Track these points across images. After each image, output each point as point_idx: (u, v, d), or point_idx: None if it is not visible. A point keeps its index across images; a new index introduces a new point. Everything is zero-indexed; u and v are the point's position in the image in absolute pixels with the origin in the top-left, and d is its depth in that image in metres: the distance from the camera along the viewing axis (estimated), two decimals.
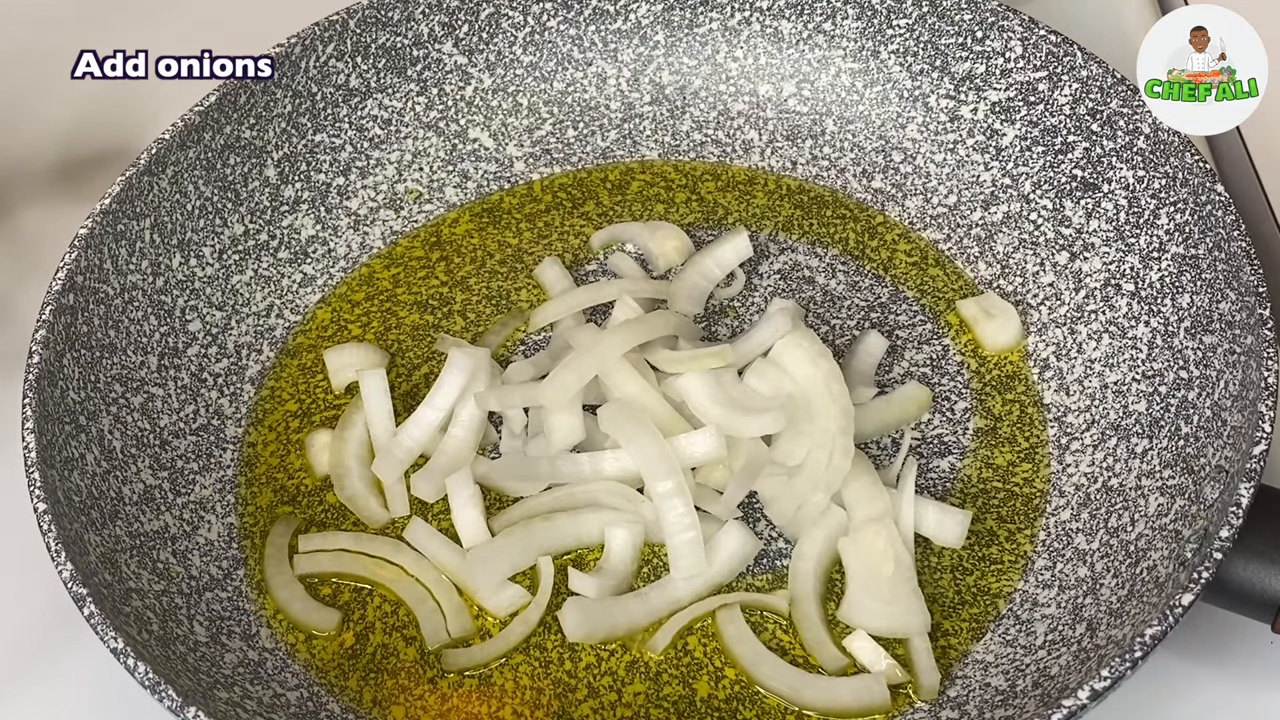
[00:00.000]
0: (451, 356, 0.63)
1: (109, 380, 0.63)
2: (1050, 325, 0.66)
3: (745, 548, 0.59)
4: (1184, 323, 0.61)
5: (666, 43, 0.77)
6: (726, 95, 0.77)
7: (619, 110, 0.77)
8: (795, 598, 0.58)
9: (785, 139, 0.75)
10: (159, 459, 0.63)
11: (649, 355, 0.63)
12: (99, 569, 0.56)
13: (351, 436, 0.65)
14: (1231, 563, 0.53)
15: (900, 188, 0.73)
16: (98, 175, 0.80)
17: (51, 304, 0.61)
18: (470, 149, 0.76)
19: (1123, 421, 0.62)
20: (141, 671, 0.51)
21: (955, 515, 0.60)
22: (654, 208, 0.74)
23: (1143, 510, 0.58)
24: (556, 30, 0.76)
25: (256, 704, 0.55)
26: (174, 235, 0.68)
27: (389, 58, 0.74)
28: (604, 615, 0.58)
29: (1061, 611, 0.57)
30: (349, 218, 0.73)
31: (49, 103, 0.85)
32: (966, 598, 0.59)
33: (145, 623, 0.55)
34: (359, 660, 0.59)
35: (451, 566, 0.60)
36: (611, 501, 0.60)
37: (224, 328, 0.68)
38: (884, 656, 0.56)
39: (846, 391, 0.61)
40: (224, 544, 0.62)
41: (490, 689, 0.57)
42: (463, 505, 0.61)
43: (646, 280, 0.70)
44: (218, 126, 0.69)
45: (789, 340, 0.62)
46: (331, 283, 0.72)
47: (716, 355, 0.61)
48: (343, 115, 0.73)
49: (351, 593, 0.61)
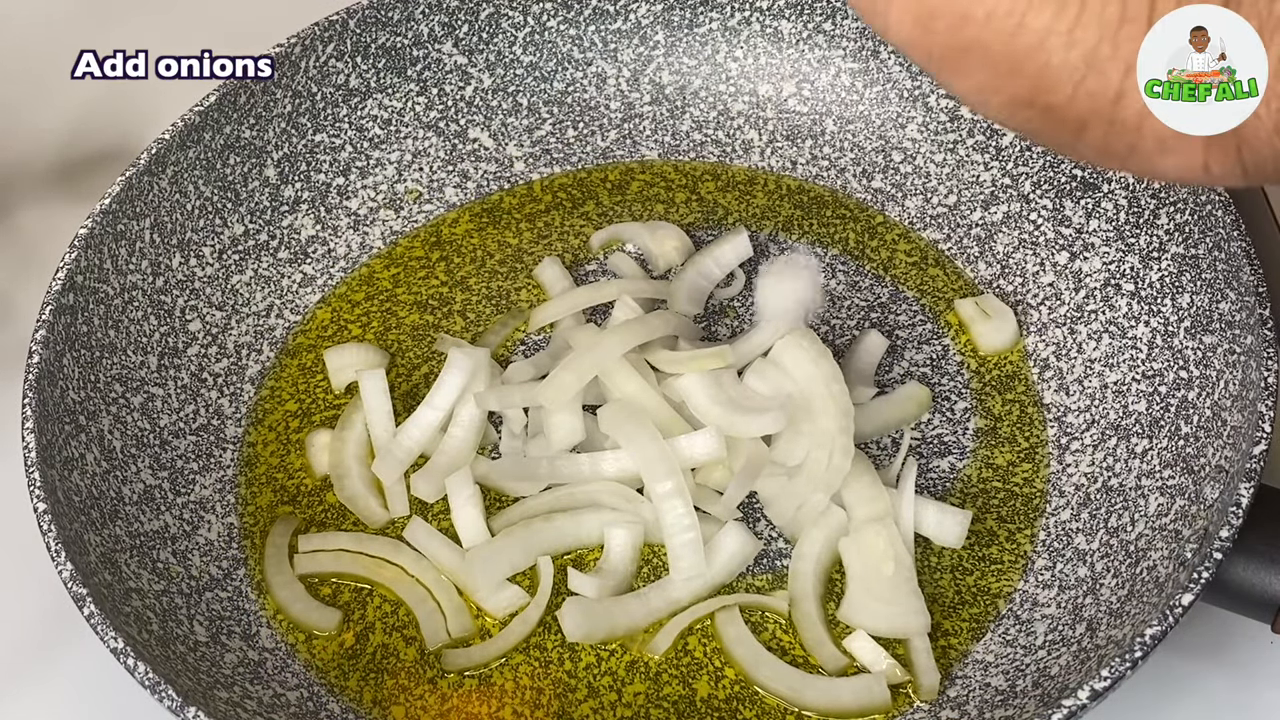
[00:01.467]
0: (451, 356, 0.63)
1: (109, 380, 0.63)
2: (1050, 325, 0.66)
3: (745, 549, 0.59)
4: (1184, 323, 0.61)
5: (666, 43, 0.77)
6: (726, 95, 0.77)
7: (619, 110, 0.77)
8: (795, 598, 0.58)
9: (785, 139, 0.75)
10: (159, 459, 0.63)
11: (649, 355, 0.63)
12: (99, 569, 0.56)
13: (351, 437, 0.65)
14: (1231, 563, 0.53)
15: (900, 188, 0.73)
16: (98, 175, 0.81)
17: (51, 304, 0.61)
18: (470, 149, 0.76)
19: (1123, 421, 0.62)
20: (141, 671, 0.51)
21: (955, 515, 0.60)
22: (654, 208, 0.74)
23: (1143, 510, 0.58)
24: (556, 30, 0.76)
25: (256, 704, 0.55)
26: (174, 235, 0.68)
27: (389, 58, 0.74)
28: (603, 615, 0.58)
29: (1061, 611, 0.57)
30: (349, 218, 0.73)
31: (49, 103, 0.85)
32: (966, 598, 0.59)
33: (145, 623, 0.55)
34: (359, 660, 0.59)
35: (451, 566, 0.60)
36: (611, 502, 0.60)
37: (224, 328, 0.69)
38: (884, 656, 0.56)
39: (846, 391, 0.61)
40: (224, 544, 0.62)
41: (490, 689, 0.57)
42: (463, 505, 0.61)
43: (646, 280, 0.70)
44: (218, 126, 0.69)
45: (789, 340, 0.62)
46: (331, 283, 0.72)
47: (716, 355, 0.61)
48: (343, 115, 0.73)
49: (351, 593, 0.61)
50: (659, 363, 0.62)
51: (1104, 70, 0.38)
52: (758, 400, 0.61)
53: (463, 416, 0.63)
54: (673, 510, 0.58)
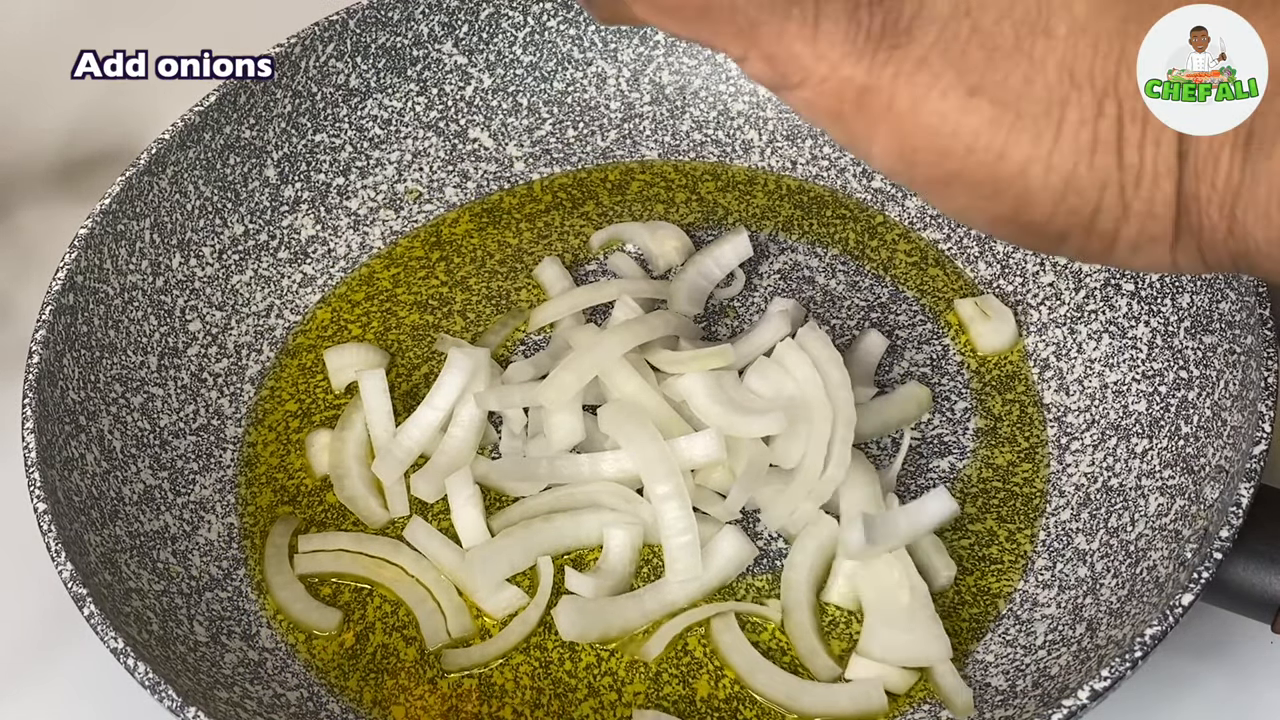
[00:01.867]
0: (451, 356, 0.63)
1: (109, 380, 0.63)
2: (1050, 325, 0.66)
3: (741, 553, 0.59)
4: (1184, 322, 0.61)
5: (666, 43, 0.77)
6: (726, 95, 0.77)
7: (619, 110, 0.77)
8: (787, 608, 0.58)
9: (785, 139, 0.75)
10: (159, 459, 0.63)
11: (649, 355, 0.63)
12: (99, 569, 0.56)
13: (351, 436, 0.65)
14: (1231, 563, 0.53)
15: (900, 188, 0.73)
16: (98, 175, 0.81)
17: (51, 304, 0.61)
18: (470, 149, 0.76)
19: (1123, 421, 0.62)
20: (141, 671, 0.51)
21: (945, 558, 0.59)
22: (654, 208, 0.74)
23: (1143, 510, 0.58)
24: (556, 30, 0.76)
25: (256, 704, 0.55)
26: (174, 235, 0.68)
27: (389, 58, 0.74)
28: (598, 615, 0.58)
29: (1061, 611, 0.57)
30: (349, 218, 0.73)
31: (49, 103, 0.85)
32: (966, 598, 0.59)
33: (145, 623, 0.55)
34: (359, 660, 0.59)
35: (451, 566, 0.60)
36: (611, 502, 0.60)
37: (224, 328, 0.69)
38: (881, 672, 0.56)
39: (852, 400, 0.60)
40: (224, 544, 0.62)
41: (490, 689, 0.57)
42: (462, 505, 0.61)
43: (646, 280, 0.70)
44: (218, 126, 0.69)
45: (794, 341, 0.62)
46: (331, 283, 0.72)
47: (717, 355, 0.61)
48: (343, 115, 0.73)
49: (352, 593, 0.61)
50: (659, 363, 0.62)
51: (1082, 190, 0.40)
52: (759, 402, 0.61)
53: (463, 416, 0.63)
54: (670, 512, 0.58)
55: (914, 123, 0.41)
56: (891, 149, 0.41)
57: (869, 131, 0.41)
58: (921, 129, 0.41)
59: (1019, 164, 0.40)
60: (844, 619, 0.58)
